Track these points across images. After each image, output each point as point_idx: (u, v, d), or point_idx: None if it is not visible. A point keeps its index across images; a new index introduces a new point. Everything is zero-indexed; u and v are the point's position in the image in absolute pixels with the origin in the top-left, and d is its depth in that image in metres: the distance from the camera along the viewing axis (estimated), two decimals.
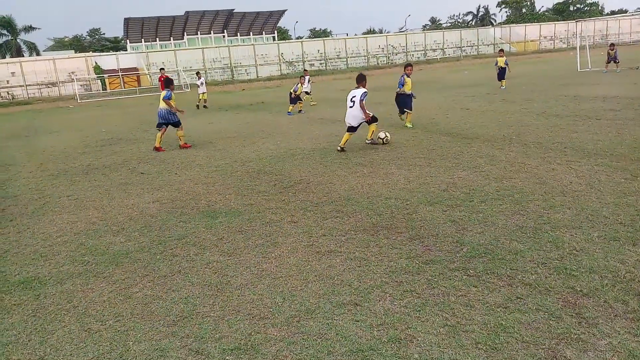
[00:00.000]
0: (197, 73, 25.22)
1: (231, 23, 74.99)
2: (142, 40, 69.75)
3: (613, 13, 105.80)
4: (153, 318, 3.85)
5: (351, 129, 10.05)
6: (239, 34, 76.33)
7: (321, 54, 58.82)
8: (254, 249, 5.15)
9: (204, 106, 23.55)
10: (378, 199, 6.47)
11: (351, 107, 9.95)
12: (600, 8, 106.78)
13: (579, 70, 26.32)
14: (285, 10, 78.94)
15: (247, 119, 17.67)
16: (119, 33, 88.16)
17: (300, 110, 18.33)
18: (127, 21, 67.54)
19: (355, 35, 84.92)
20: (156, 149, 11.96)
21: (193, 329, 3.64)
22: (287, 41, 66.38)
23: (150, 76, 48.07)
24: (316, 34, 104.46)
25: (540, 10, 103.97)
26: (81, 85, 46.14)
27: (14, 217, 7.12)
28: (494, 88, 20.43)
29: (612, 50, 24.58)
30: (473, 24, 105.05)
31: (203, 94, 23.53)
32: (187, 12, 69.94)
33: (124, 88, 46.77)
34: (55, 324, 3.90)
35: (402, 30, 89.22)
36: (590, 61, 27.16)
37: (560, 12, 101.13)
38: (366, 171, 8.02)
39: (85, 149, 13.31)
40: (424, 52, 64.48)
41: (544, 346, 3.08)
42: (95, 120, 22.38)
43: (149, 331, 3.66)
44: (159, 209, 6.88)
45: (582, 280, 3.86)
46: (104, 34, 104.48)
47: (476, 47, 67.24)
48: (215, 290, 4.22)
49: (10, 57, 61.71)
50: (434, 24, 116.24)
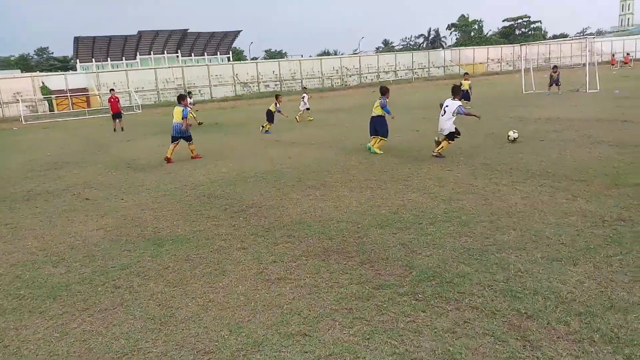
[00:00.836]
0: (189, 93, 26.89)
1: (185, 43, 74.50)
2: (93, 60, 68.25)
3: (555, 37, 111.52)
4: (91, 356, 3.66)
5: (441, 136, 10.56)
6: (193, 54, 75.86)
7: (276, 75, 59.09)
8: (201, 278, 5.01)
9: (199, 123, 24.04)
10: (330, 222, 6.45)
11: (442, 115, 10.46)
12: (543, 32, 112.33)
13: (524, 92, 27.42)
14: (240, 31, 79.23)
15: (199, 141, 17.39)
16: (68, 52, 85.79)
17: (267, 131, 18.41)
18: (77, 40, 65.99)
19: (310, 56, 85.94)
20: (167, 160, 12.76)
21: None
22: (242, 62, 66.42)
23: (100, 97, 46.91)
24: (271, 54, 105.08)
25: (487, 33, 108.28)
26: (27, 107, 44.49)
27: None
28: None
29: (555, 72, 25.71)
30: (424, 46, 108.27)
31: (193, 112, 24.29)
32: (140, 32, 69.05)
33: (73, 109, 45.34)
34: None
35: (355, 52, 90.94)
36: (535, 83, 28.35)
37: (506, 36, 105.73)
38: (319, 194, 8.01)
39: (28, 173, 12.75)
40: (377, 74, 65.78)
41: None
42: (41, 142, 21.54)
43: None
44: (102, 237, 6.62)
45: (527, 302, 3.93)
46: (52, 53, 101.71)
47: (427, 69, 69.17)
48: (159, 324, 4.06)
49: None
50: (386, 46, 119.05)
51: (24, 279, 5.31)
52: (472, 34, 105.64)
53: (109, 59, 69.40)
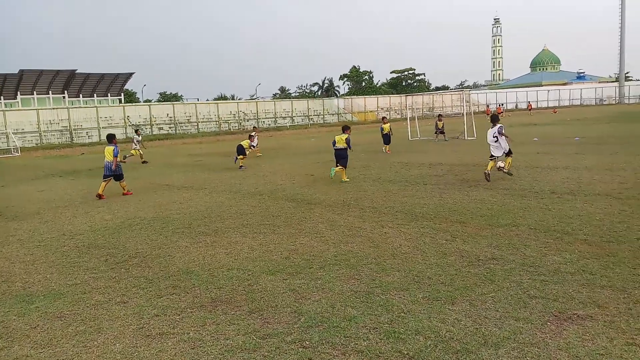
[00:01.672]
0: (136, 130, 27.21)
1: (73, 84, 70.72)
2: None
3: (437, 89, 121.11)
4: None
5: (493, 157, 12.24)
6: (81, 95, 72.09)
7: (170, 117, 57.73)
8: (74, 337, 4.58)
9: (143, 161, 24.05)
10: (219, 270, 6.26)
11: (495, 141, 12.11)
12: (427, 84, 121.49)
13: (410, 139, 29.19)
14: (133, 73, 76.94)
15: (84, 185, 16.37)
16: None
17: (241, 167, 18.66)
18: None
19: (207, 100, 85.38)
20: (98, 196, 13.04)
21: None
22: (133, 104, 64.12)
23: None
24: (166, 97, 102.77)
25: (377, 83, 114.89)
26: None
27: None
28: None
29: (440, 121, 27.56)
30: (319, 94, 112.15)
31: (138, 150, 24.79)
32: (21, 70, 64.49)
33: None
34: None
35: (253, 97, 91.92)
36: (420, 131, 30.34)
37: (394, 86, 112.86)
38: (209, 240, 7.78)
39: None
40: (274, 119, 66.76)
41: None
42: None
43: None
44: None
45: (409, 342, 4.04)
46: None
47: (322, 116, 71.46)
48: None
49: None
50: (283, 93, 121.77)
51: None
52: (363, 83, 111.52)
53: None
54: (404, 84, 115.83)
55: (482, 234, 7.20)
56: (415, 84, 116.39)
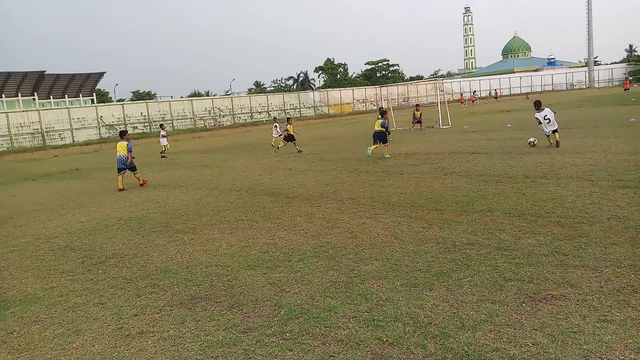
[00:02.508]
0: (161, 125, 28.43)
1: (42, 85, 69.11)
2: None
3: (412, 79, 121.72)
4: None
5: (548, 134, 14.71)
6: (52, 96, 70.54)
7: (144, 116, 56.98)
8: (52, 340, 4.52)
9: (164, 156, 25.18)
10: (198, 267, 6.23)
11: (548, 122, 14.34)
12: (401, 74, 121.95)
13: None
14: (104, 73, 75.69)
15: (57, 188, 16.08)
16: None
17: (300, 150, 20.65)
18: None
19: (181, 97, 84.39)
20: (121, 190, 13.83)
21: None
22: (106, 104, 63.06)
23: None
24: (139, 96, 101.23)
25: (352, 75, 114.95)
26: None
27: None
28: (313, 148, 21.68)
29: (418, 111, 27.71)
30: (294, 87, 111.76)
31: (166, 145, 26.01)
32: None
33: None
34: None
35: (228, 93, 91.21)
36: (395, 121, 30.50)
37: (369, 78, 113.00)
38: (187, 238, 7.73)
39: None
40: (250, 114, 66.40)
41: None
42: None
43: None
44: None
45: (388, 329, 4.08)
46: None
47: (299, 110, 71.35)
48: None
49: None
50: (258, 88, 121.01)
51: None
52: (338, 76, 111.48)
53: None
54: (378, 75, 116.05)
55: (458, 220, 7.29)
56: (390, 74, 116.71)
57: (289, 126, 21.90)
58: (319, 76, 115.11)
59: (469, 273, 5.17)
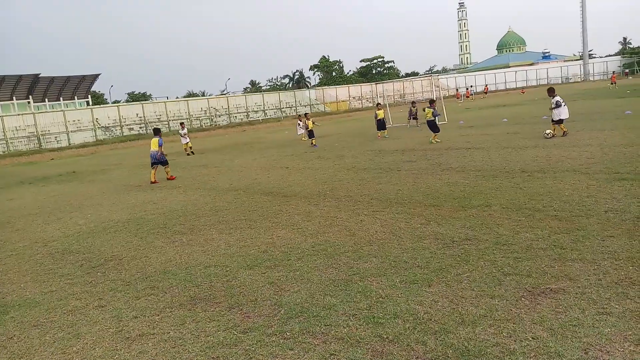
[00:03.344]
0: (181, 123, 27.17)
1: (37, 88, 68.83)
2: None
3: (407, 75, 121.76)
4: None
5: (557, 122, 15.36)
6: (47, 99, 70.28)
7: (140, 117, 56.85)
8: (52, 344, 4.52)
9: (192, 152, 25.33)
10: (197, 268, 6.22)
11: (553, 109, 15.29)
12: (396, 71, 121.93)
13: None
14: (99, 75, 75.42)
15: (55, 191, 16.04)
16: None
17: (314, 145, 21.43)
18: None
19: (177, 97, 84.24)
20: (153, 183, 14.86)
21: None
22: (102, 106, 62.87)
23: None
24: (135, 97, 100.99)
25: (348, 73, 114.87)
26: None
27: None
28: (310, 147, 21.67)
29: (414, 107, 27.79)
30: (290, 86, 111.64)
31: (187, 143, 25.62)
32: None
33: None
34: None
35: (223, 92, 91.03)
36: (391, 118, 30.49)
37: (364, 75, 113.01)
38: (185, 239, 7.72)
39: None
40: (246, 113, 66.30)
41: None
42: None
43: None
44: None
45: (388, 326, 4.09)
46: None
47: (295, 108, 71.26)
48: None
49: None
50: (254, 87, 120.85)
51: None
52: (334, 73, 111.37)
53: None
54: (374, 72, 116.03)
55: (455, 216, 7.30)
56: (385, 71, 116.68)
57: (307, 122, 23.05)
58: (314, 74, 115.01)
59: (468, 268, 5.18)
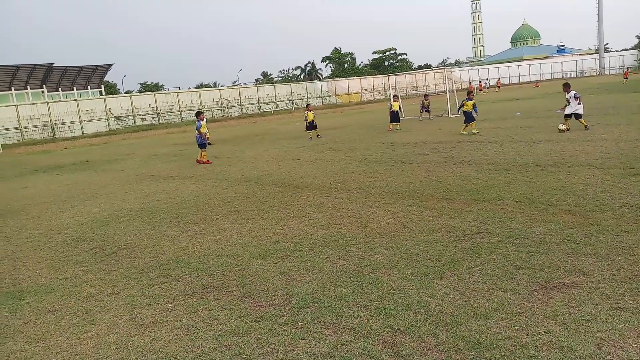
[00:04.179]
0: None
1: (51, 78, 69.40)
2: None
3: (420, 67, 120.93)
4: None
5: (568, 116, 15.38)
6: (60, 89, 70.87)
7: (153, 107, 57.14)
8: (67, 330, 4.59)
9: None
10: (209, 257, 6.27)
11: (569, 104, 15.23)
12: (409, 63, 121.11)
13: None
14: (112, 65, 75.83)
15: (68, 180, 16.21)
16: None
17: (318, 135, 21.88)
18: None
19: (189, 88, 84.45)
20: (204, 163, 16.48)
21: None
22: (115, 96, 63.25)
23: None
24: (147, 87, 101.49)
25: (360, 65, 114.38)
26: None
27: None
28: (322, 139, 21.66)
29: (427, 100, 27.68)
30: (302, 77, 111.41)
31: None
32: None
33: None
34: None
35: (235, 83, 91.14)
36: (404, 110, 30.35)
37: (376, 67, 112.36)
38: (197, 229, 7.78)
39: None
40: (258, 104, 66.38)
41: None
42: None
43: None
44: None
45: (399, 318, 4.10)
46: None
47: (306, 100, 71.19)
48: None
49: None
50: (265, 78, 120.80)
51: None
52: (346, 65, 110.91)
53: None
54: (386, 64, 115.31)
55: (468, 209, 7.28)
56: (398, 63, 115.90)
57: (308, 113, 21.89)
58: (326, 66, 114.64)
59: (480, 262, 5.17)
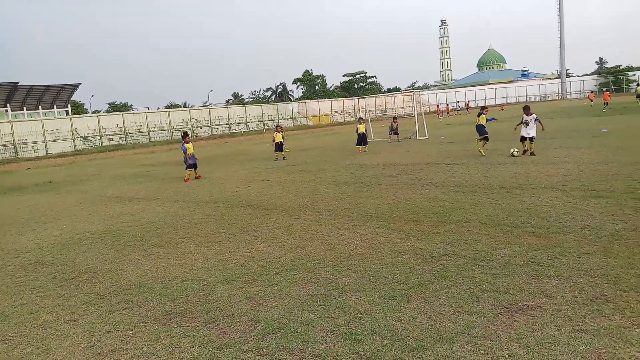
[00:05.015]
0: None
1: (15, 97, 67.89)
2: None
3: (389, 90, 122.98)
4: None
5: (524, 139, 15.46)
6: (25, 108, 69.23)
7: (120, 128, 56.26)
8: None
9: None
10: (173, 282, 6.12)
11: (526, 126, 15.24)
12: (379, 86, 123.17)
13: None
14: (79, 84, 74.85)
15: (30, 201, 15.70)
16: None
17: (284, 157, 21.74)
18: None
19: (158, 108, 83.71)
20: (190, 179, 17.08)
21: None
22: (81, 115, 62.14)
23: None
24: (115, 107, 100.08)
25: (330, 87, 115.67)
26: None
27: None
28: (292, 160, 21.65)
29: (395, 122, 28.04)
30: (273, 99, 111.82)
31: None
32: None
33: None
34: None
35: (205, 104, 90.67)
36: (373, 132, 30.68)
37: (347, 89, 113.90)
38: (162, 252, 7.60)
39: None
40: (228, 125, 66.12)
41: None
42: None
43: None
44: None
45: (366, 343, 4.06)
46: None
47: (277, 121, 71.28)
48: None
49: None
50: (236, 99, 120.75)
51: None
52: (317, 87, 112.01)
53: None
54: (356, 86, 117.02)
55: (435, 231, 7.33)
56: (368, 86, 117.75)
57: (277, 134, 22.30)
58: (297, 87, 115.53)
59: (446, 284, 5.19)
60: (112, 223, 10.41)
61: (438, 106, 72.59)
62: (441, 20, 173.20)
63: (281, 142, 22.18)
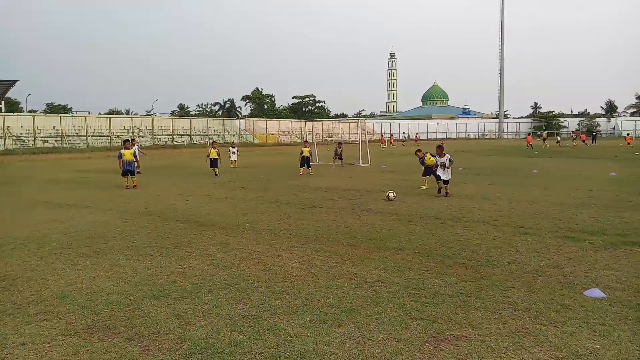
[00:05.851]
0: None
1: None
2: None
3: (337, 116, 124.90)
4: None
5: (439, 178, 14.31)
6: None
7: (57, 130, 53.89)
8: None
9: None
10: (98, 294, 5.85)
11: (447, 167, 14.10)
12: (327, 111, 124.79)
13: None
14: (17, 81, 70.82)
15: None
16: None
17: (217, 175, 21.24)
18: None
19: (100, 113, 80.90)
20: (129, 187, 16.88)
21: None
22: (15, 114, 59.04)
23: None
24: (54, 109, 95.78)
25: (279, 107, 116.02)
26: None
27: None
28: (235, 176, 21.44)
29: (340, 148, 28.50)
30: (220, 114, 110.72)
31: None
32: None
33: None
34: None
35: (150, 113, 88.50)
36: (318, 155, 30.94)
37: (295, 111, 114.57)
38: (89, 263, 7.26)
39: None
40: (171, 136, 64.78)
41: None
42: None
43: None
44: None
45: None
46: None
47: (223, 136, 70.59)
48: None
49: None
50: (182, 110, 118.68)
51: None
52: (266, 106, 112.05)
53: None
54: (304, 109, 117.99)
55: (370, 256, 7.43)
56: (316, 110, 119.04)
57: (212, 150, 22.14)
58: (245, 104, 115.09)
59: (378, 310, 5.24)
60: (38, 229, 9.86)
61: (382, 136, 74.35)
62: (390, 53, 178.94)
63: (217, 158, 22.05)
